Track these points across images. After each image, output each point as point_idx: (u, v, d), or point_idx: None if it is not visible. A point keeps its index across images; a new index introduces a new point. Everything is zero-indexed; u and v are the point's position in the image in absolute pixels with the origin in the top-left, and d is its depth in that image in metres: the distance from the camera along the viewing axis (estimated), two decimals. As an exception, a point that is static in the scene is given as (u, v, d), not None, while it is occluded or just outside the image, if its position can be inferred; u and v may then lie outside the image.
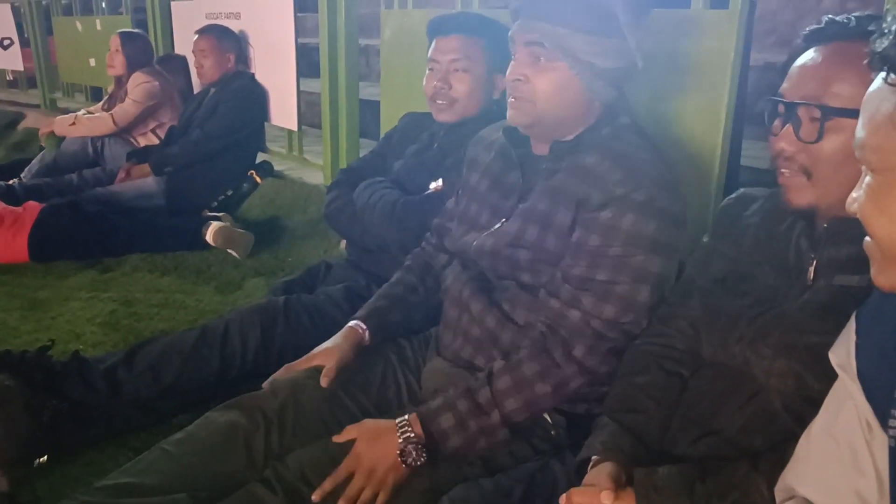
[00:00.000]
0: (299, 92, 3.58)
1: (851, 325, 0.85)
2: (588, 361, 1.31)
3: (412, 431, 1.31)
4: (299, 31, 3.52)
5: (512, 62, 1.41)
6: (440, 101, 1.92)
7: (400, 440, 1.30)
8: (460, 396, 1.33)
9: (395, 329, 1.64)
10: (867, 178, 0.72)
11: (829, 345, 0.95)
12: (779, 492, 0.94)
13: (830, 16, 1.11)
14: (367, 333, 1.58)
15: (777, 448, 1.00)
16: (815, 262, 1.08)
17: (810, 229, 1.11)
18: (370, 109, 3.66)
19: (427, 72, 1.95)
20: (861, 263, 1.00)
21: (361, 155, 2.32)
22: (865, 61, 0.80)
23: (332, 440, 1.34)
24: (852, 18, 1.06)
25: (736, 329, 1.12)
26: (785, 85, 1.09)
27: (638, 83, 1.51)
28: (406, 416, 1.34)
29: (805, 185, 1.06)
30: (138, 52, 3.90)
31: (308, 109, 3.97)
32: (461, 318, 1.50)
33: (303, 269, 2.34)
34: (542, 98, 1.37)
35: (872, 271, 0.75)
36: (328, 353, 1.52)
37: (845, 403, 0.84)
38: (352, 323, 1.59)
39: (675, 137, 1.79)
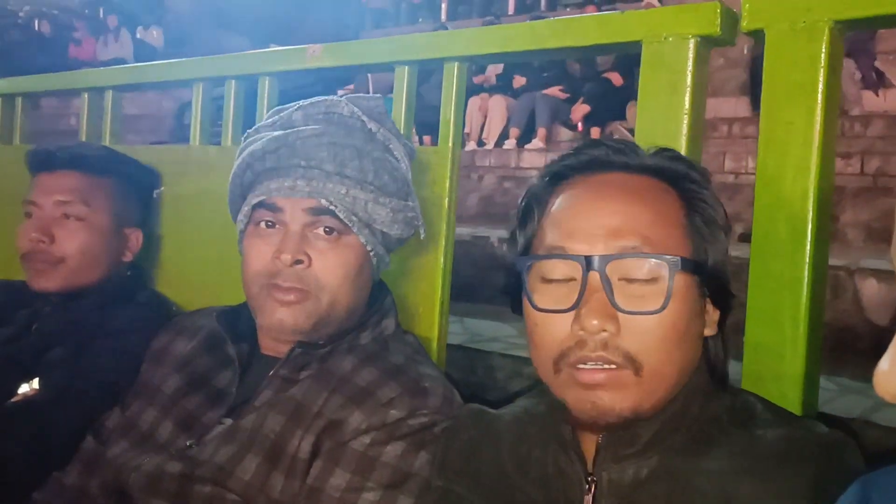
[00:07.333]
0: None
1: None
2: None
3: None
4: None
5: (256, 238, 1.01)
6: (38, 263, 1.39)
7: None
8: None
9: None
10: None
11: None
12: None
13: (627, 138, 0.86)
14: None
15: None
16: (593, 489, 0.74)
17: (573, 444, 0.77)
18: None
19: (25, 220, 1.43)
20: (656, 481, 0.71)
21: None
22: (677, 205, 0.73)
23: None
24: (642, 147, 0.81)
25: None
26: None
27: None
28: None
29: (631, 384, 0.71)
30: None
31: None
32: None
33: None
34: (330, 287, 0.99)
35: None
36: None
37: None
38: None
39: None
